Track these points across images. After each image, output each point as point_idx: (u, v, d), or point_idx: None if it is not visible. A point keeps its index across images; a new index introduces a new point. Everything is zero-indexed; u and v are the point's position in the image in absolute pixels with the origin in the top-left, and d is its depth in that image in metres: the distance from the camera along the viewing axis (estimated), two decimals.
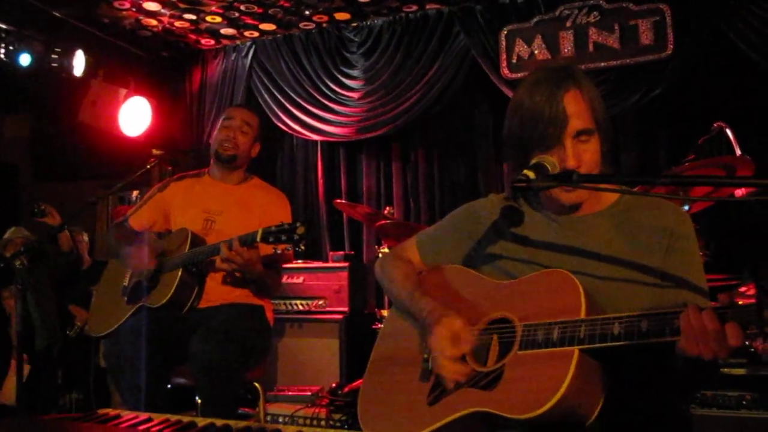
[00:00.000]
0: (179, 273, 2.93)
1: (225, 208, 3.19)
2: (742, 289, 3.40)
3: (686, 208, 3.06)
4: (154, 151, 3.25)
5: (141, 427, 1.43)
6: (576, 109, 1.65)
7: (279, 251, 2.80)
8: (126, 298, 3.08)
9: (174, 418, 1.48)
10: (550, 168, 1.60)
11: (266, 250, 2.87)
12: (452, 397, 1.65)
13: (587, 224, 1.77)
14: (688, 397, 2.52)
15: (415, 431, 1.62)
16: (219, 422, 1.42)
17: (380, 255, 2.09)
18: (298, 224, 2.66)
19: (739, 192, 3.23)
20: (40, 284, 4.51)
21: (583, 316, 1.53)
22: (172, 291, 2.89)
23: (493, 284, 1.81)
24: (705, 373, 1.56)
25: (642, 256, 1.70)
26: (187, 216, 3.18)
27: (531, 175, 1.55)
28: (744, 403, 2.77)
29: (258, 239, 2.74)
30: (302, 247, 2.67)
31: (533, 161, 1.63)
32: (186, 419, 1.47)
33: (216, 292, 3.06)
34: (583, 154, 1.66)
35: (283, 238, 2.67)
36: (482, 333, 1.71)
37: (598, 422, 1.53)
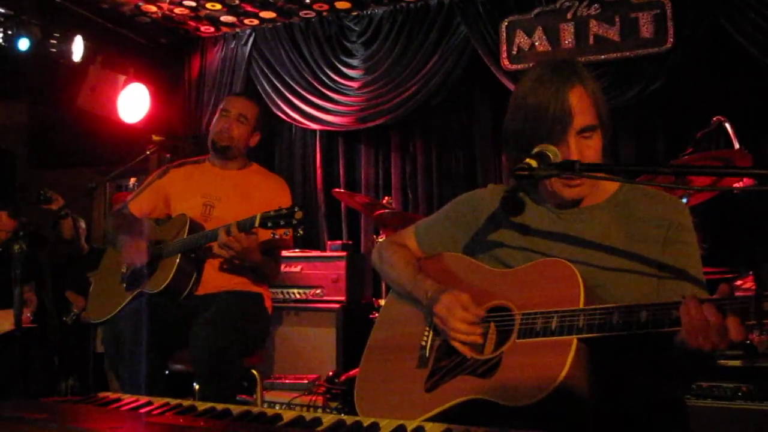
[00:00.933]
0: (177, 259, 2.93)
1: (224, 194, 3.18)
2: (738, 282, 3.41)
3: (684, 200, 3.07)
4: (154, 138, 3.25)
5: (142, 410, 1.43)
6: (580, 105, 1.65)
7: (277, 236, 2.80)
8: (125, 285, 3.08)
9: (174, 402, 1.48)
10: (552, 157, 1.60)
11: (265, 235, 2.87)
12: (449, 384, 1.65)
13: (586, 215, 1.77)
14: (686, 385, 2.53)
15: (412, 417, 1.62)
16: (219, 406, 1.42)
17: (377, 243, 2.09)
18: (296, 209, 2.67)
19: (738, 185, 3.24)
20: (39, 271, 4.51)
21: (581, 305, 1.53)
22: (171, 277, 2.89)
23: (492, 272, 1.81)
24: (703, 363, 1.57)
25: (640, 247, 1.70)
26: (187, 202, 3.18)
27: (533, 163, 1.54)
28: (740, 394, 2.78)
29: (256, 224, 2.73)
30: (301, 232, 2.68)
31: (536, 150, 1.63)
32: (186, 403, 1.47)
33: (215, 279, 3.06)
34: (585, 150, 1.66)
35: (282, 222, 2.67)
36: (481, 321, 1.71)
37: (596, 411, 1.54)
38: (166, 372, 2.94)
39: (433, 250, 2.01)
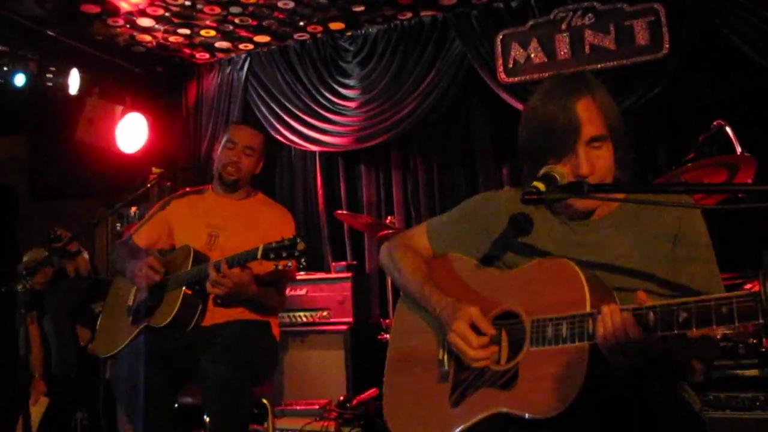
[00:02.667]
0: (182, 292, 2.91)
1: (228, 224, 3.17)
2: (748, 286, 3.38)
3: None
4: (154, 170, 3.24)
5: None
6: (588, 115, 1.67)
7: (280, 267, 2.78)
8: (131, 318, 3.06)
9: None
10: (558, 178, 1.61)
11: (268, 267, 2.84)
12: (474, 398, 1.67)
13: (598, 227, 1.77)
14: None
15: None
16: None
17: (386, 243, 2.09)
18: (298, 240, 2.65)
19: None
20: (58, 309, 4.48)
21: (588, 308, 1.53)
22: (175, 310, 2.86)
23: (496, 274, 1.83)
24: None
25: (651, 253, 1.71)
26: (191, 232, 3.16)
27: (541, 186, 1.55)
28: (758, 404, 2.75)
29: (259, 256, 2.71)
30: (303, 263, 2.67)
31: (542, 172, 1.63)
32: None
33: (221, 309, 3.03)
34: (595, 160, 1.67)
35: (284, 254, 2.65)
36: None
37: (615, 415, 1.55)
38: (176, 405, 2.92)
39: (445, 250, 2.00)
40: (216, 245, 3.12)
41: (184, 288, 2.91)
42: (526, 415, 1.53)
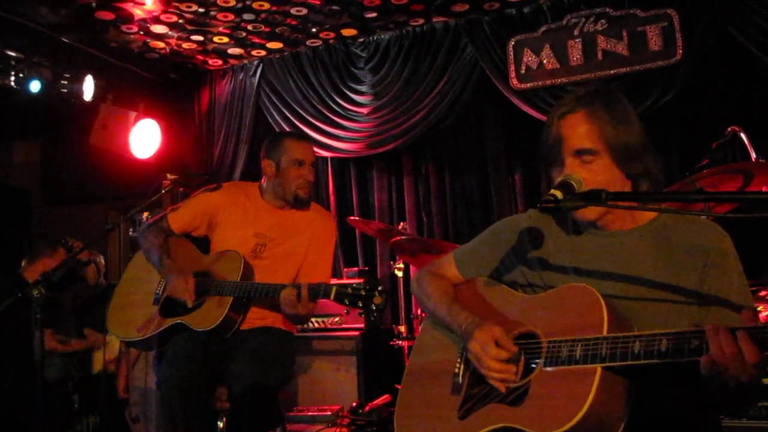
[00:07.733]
0: (230, 302, 2.83)
1: (279, 235, 3.11)
2: (762, 293, 3.36)
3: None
4: (169, 176, 3.26)
5: None
6: (577, 130, 1.70)
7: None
8: (158, 308, 2.98)
9: None
10: (576, 186, 1.60)
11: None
12: (481, 412, 1.69)
13: (621, 242, 1.75)
14: (731, 412, 2.47)
15: None
16: None
17: (417, 272, 2.13)
18: (375, 293, 2.55)
19: None
20: (61, 315, 4.50)
21: (605, 332, 1.54)
22: (220, 320, 2.79)
23: (520, 298, 1.85)
24: (738, 393, 1.51)
25: (678, 276, 1.67)
26: (238, 235, 3.10)
27: (558, 194, 1.56)
28: None
29: (332, 297, 2.64)
30: (375, 317, 2.58)
31: (559, 179, 1.64)
32: None
33: (251, 315, 3.01)
34: (581, 172, 1.68)
35: (359, 303, 2.56)
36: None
37: None
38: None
39: (473, 276, 2.03)
40: (262, 254, 3.07)
41: (232, 298, 2.84)
42: (529, 431, 1.54)
